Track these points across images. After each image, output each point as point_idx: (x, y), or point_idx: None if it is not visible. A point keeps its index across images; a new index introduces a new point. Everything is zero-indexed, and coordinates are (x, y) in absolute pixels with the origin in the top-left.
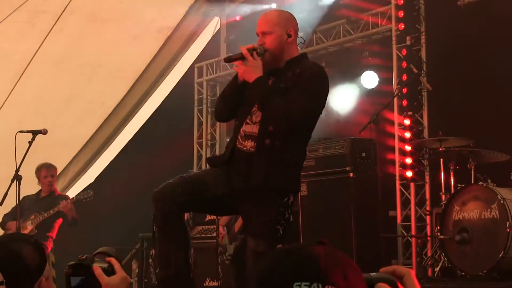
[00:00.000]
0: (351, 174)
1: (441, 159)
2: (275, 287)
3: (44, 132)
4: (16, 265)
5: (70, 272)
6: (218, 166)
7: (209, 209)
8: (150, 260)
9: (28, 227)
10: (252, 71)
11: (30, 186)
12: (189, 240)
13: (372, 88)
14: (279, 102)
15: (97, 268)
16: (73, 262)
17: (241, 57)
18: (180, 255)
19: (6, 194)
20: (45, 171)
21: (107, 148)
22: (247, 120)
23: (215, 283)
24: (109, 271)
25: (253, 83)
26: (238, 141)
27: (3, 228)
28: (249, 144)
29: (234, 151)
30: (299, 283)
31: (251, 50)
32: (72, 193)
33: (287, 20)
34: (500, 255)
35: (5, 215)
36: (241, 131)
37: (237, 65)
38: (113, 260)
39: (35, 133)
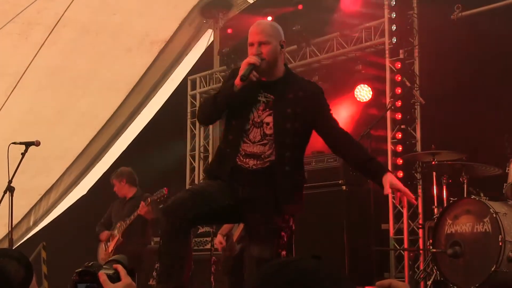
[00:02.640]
0: (344, 187)
1: (434, 173)
2: None
3: (37, 143)
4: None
5: (77, 279)
6: (219, 178)
7: (217, 220)
8: (155, 272)
9: (116, 236)
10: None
11: (23, 198)
12: (192, 256)
13: (366, 101)
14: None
15: (102, 274)
16: (80, 269)
17: (252, 70)
18: (182, 271)
19: None
20: (121, 176)
21: (100, 160)
22: (245, 139)
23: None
24: (114, 278)
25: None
26: (239, 158)
27: (97, 238)
28: (252, 162)
29: (236, 167)
30: None
31: (256, 66)
32: (65, 205)
33: (279, 31)
34: (492, 269)
35: (98, 224)
36: (241, 150)
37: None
38: (119, 267)
39: (28, 144)
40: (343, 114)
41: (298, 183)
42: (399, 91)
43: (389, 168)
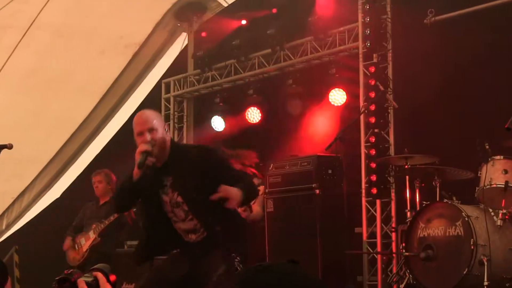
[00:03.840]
0: (317, 191)
1: (407, 177)
2: None
3: (10, 146)
4: None
5: (56, 287)
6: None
7: None
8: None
9: (91, 236)
10: (236, 196)
11: None
12: None
13: (340, 105)
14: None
15: (81, 282)
16: (59, 276)
17: (146, 157)
18: None
19: None
20: (97, 178)
21: (73, 163)
22: (174, 219)
23: (130, 286)
24: (93, 285)
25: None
26: (183, 236)
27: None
28: (193, 237)
29: (179, 243)
30: None
31: (149, 152)
32: (38, 208)
33: (161, 118)
34: (465, 272)
35: (69, 228)
36: (177, 228)
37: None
38: (99, 275)
39: (0, 147)
40: (317, 118)
41: (237, 233)
42: (373, 95)
43: (363, 171)
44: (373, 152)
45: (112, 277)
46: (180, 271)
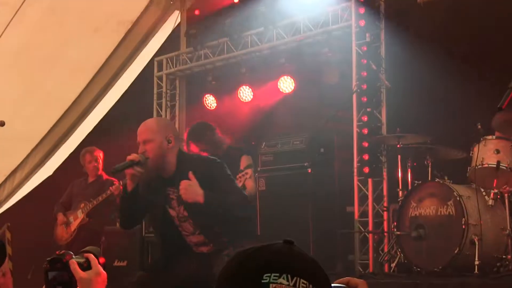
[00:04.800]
0: (309, 170)
1: (399, 156)
2: (245, 279)
3: (2, 124)
4: None
5: (48, 267)
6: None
7: None
8: None
9: (79, 216)
10: (190, 192)
11: None
12: None
13: (333, 84)
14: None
15: (73, 262)
16: (50, 257)
17: (129, 165)
18: None
19: None
20: (89, 156)
21: (66, 141)
22: (184, 233)
23: (123, 263)
24: (85, 266)
25: (204, 202)
26: (195, 248)
27: (55, 218)
28: (205, 249)
29: (190, 255)
30: (268, 274)
31: (134, 162)
32: (30, 186)
33: (166, 127)
34: (455, 252)
35: (57, 204)
36: (189, 242)
37: (129, 174)
38: (90, 256)
39: None
40: (309, 96)
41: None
42: (365, 74)
43: (355, 150)
44: (365, 131)
45: (102, 260)
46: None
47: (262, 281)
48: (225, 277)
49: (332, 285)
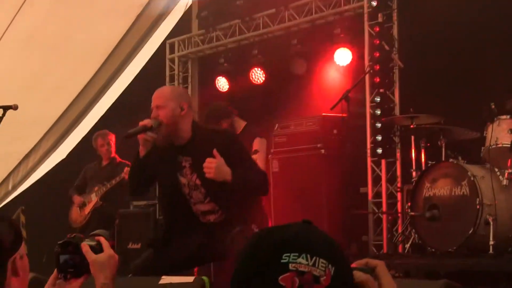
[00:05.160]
0: (322, 151)
1: (412, 136)
2: (265, 259)
3: (15, 107)
4: None
5: (59, 251)
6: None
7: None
8: None
9: (93, 199)
10: (221, 171)
11: (1, 163)
12: None
13: (345, 65)
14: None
15: (85, 245)
16: (62, 240)
17: (141, 131)
18: None
19: None
20: (101, 140)
21: (78, 125)
22: (193, 201)
23: (137, 246)
24: (97, 249)
25: (232, 181)
26: (201, 217)
27: (70, 201)
28: (212, 217)
29: (196, 224)
30: (288, 254)
31: (147, 127)
32: (44, 169)
33: (180, 95)
34: (470, 232)
35: (72, 188)
36: (196, 210)
37: (141, 139)
38: (102, 239)
39: (5, 108)
40: (322, 78)
41: (253, 210)
42: (378, 55)
43: (368, 131)
44: (378, 112)
45: (111, 243)
46: (196, 239)
47: (282, 260)
48: (244, 257)
49: (353, 266)
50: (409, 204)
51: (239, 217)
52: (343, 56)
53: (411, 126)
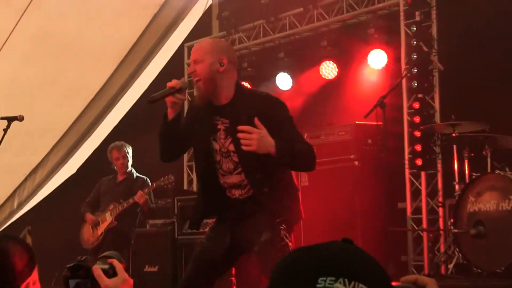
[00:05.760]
0: (356, 163)
1: (454, 146)
2: (299, 282)
3: (20, 118)
4: (1, 261)
5: (68, 275)
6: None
7: (228, 266)
8: None
9: (108, 219)
10: (264, 143)
11: (6, 178)
12: None
13: (380, 68)
14: (302, 149)
15: (97, 269)
16: (72, 264)
17: (168, 94)
18: None
19: None
20: (117, 153)
21: (90, 136)
22: (221, 172)
23: (154, 269)
24: (110, 273)
25: (277, 153)
26: (227, 191)
27: (82, 218)
28: (238, 193)
29: (226, 200)
30: (324, 278)
31: (175, 89)
32: (53, 185)
33: (220, 49)
34: None
35: (84, 204)
36: (223, 183)
37: (169, 102)
38: (115, 262)
39: (10, 119)
40: (355, 82)
41: (285, 196)
42: (416, 56)
43: (406, 141)
44: (417, 119)
45: (122, 265)
46: (222, 245)
47: (317, 285)
48: (279, 276)
49: (399, 284)
50: (452, 220)
51: (265, 198)
52: (377, 59)
53: (453, 135)
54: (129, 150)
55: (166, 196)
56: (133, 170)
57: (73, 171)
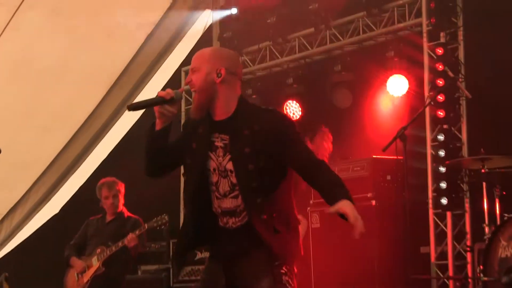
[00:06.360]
0: (373, 202)
1: (484, 183)
2: None
3: None
4: None
5: None
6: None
7: None
8: None
9: (94, 264)
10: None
11: None
12: None
13: (400, 96)
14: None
15: None
16: None
17: (154, 103)
18: None
19: None
20: (106, 191)
21: (75, 171)
22: (216, 194)
23: None
24: None
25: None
26: (219, 219)
27: (67, 263)
28: (231, 221)
29: (218, 230)
30: None
31: (164, 100)
32: (33, 226)
33: (220, 58)
34: None
35: (68, 247)
36: (216, 207)
37: (157, 112)
38: None
39: None
40: (372, 111)
41: (285, 227)
42: (441, 82)
43: (429, 177)
44: (441, 153)
45: None
46: (217, 286)
47: None
48: None
49: None
50: (481, 267)
51: (266, 230)
52: (397, 85)
53: (482, 171)
54: (121, 188)
55: (160, 239)
56: (124, 210)
57: (56, 210)
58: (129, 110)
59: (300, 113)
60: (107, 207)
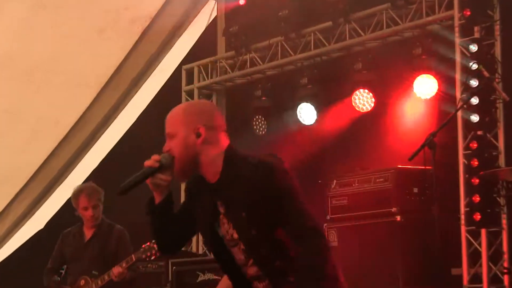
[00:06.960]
0: (398, 217)
1: None
2: None
3: None
4: None
5: None
6: None
7: None
8: None
9: None
10: None
11: None
12: None
13: (428, 98)
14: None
15: None
16: None
17: (144, 177)
18: None
19: None
20: (85, 200)
21: (61, 183)
22: (239, 263)
23: None
24: None
25: None
26: (252, 284)
27: None
28: (261, 286)
29: None
30: None
31: (152, 169)
32: (15, 244)
33: (195, 115)
34: None
35: (46, 272)
36: (244, 273)
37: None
38: None
39: None
40: (396, 116)
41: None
42: (475, 83)
43: (462, 190)
44: (475, 163)
45: None
46: None
47: None
48: None
49: None
50: None
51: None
52: (425, 86)
53: None
54: (101, 196)
55: (158, 259)
56: (103, 218)
57: (41, 225)
58: (120, 194)
59: (315, 117)
60: (86, 220)
